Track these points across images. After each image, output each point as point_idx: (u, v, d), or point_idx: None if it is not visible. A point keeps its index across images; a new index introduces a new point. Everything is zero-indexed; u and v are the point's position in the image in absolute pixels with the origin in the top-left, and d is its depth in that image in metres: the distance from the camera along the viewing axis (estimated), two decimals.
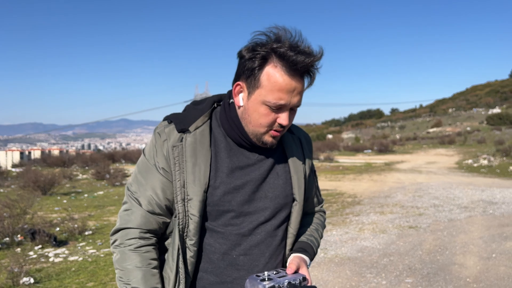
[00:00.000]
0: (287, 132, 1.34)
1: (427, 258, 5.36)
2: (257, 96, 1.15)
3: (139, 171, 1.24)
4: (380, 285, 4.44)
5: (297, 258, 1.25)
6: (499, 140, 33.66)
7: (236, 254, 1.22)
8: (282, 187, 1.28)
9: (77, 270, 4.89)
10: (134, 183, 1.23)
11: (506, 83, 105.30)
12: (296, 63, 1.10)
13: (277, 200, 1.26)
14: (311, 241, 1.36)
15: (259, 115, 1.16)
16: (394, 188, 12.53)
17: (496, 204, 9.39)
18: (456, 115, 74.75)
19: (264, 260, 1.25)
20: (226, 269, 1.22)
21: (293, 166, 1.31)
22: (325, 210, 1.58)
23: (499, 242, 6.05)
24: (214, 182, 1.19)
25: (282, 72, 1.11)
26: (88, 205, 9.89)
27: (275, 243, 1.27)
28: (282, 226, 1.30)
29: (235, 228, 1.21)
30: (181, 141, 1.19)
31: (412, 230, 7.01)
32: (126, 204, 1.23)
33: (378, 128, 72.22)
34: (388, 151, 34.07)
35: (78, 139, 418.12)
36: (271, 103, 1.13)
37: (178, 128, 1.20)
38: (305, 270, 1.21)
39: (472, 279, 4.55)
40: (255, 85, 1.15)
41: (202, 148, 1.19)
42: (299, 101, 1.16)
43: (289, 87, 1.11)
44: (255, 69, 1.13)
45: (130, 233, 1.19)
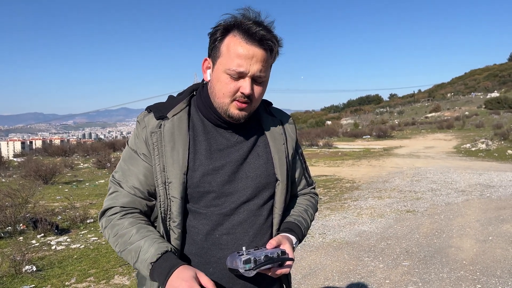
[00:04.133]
0: (268, 115, 1.39)
1: (424, 242, 5.45)
2: (218, 65, 1.19)
3: (123, 159, 1.30)
4: (377, 268, 4.52)
5: (280, 236, 1.28)
6: (497, 124, 33.67)
7: (219, 233, 1.24)
8: (263, 167, 1.31)
9: (79, 258, 4.97)
10: (119, 170, 1.29)
11: (505, 67, 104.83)
12: (253, 31, 1.15)
13: (258, 180, 1.29)
14: (298, 221, 1.38)
15: (221, 84, 1.19)
16: (392, 173, 12.60)
17: (493, 187, 9.48)
18: (455, 99, 74.60)
19: (248, 238, 1.26)
20: (210, 250, 1.24)
21: (274, 146, 1.34)
22: (316, 192, 1.59)
23: (495, 225, 6.14)
24: (193, 164, 1.23)
25: (240, 40, 1.16)
26: (90, 194, 9.96)
27: (259, 221, 1.29)
28: (266, 205, 1.32)
29: (217, 209, 1.24)
30: (159, 127, 1.24)
31: (409, 214, 7.09)
32: (111, 189, 1.28)
33: (377, 113, 72.14)
34: (387, 136, 34.08)
35: (79, 129, 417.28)
36: (231, 71, 1.16)
37: (156, 115, 1.25)
38: (287, 246, 1.23)
39: (469, 262, 4.63)
40: (217, 56, 1.20)
41: (180, 133, 1.24)
42: (261, 71, 1.18)
43: (246, 53, 1.15)
44: (216, 40, 1.19)
45: (114, 210, 1.25)
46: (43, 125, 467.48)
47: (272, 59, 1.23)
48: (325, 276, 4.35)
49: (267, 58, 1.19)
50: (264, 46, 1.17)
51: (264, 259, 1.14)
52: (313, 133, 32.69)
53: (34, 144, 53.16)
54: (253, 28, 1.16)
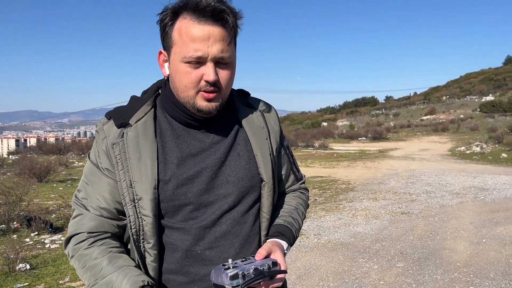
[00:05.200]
0: (246, 107, 1.22)
1: (418, 243, 5.47)
2: (174, 55, 1.04)
3: (85, 175, 1.14)
4: (371, 269, 4.54)
5: (269, 243, 1.11)
6: (491, 127, 33.89)
7: (201, 249, 1.10)
8: (245, 168, 1.14)
9: None
10: (82, 189, 1.13)
11: (500, 71, 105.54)
12: (202, 6, 0.99)
13: (241, 184, 1.13)
14: (288, 222, 1.21)
15: (181, 75, 1.03)
16: (387, 175, 12.65)
17: (487, 190, 9.54)
18: (450, 102, 75.02)
19: (234, 250, 1.12)
20: (192, 267, 1.11)
21: (255, 143, 1.17)
22: (306, 187, 1.41)
23: (489, 228, 6.18)
24: (164, 176, 1.07)
25: (191, 20, 1.00)
26: None
27: (245, 230, 1.14)
28: (251, 211, 1.16)
29: (196, 221, 1.09)
30: (121, 137, 1.08)
31: (404, 216, 7.13)
32: (75, 212, 1.12)
33: (373, 115, 72.41)
34: (382, 138, 34.18)
35: (74, 127, 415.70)
36: (188, 58, 1.00)
37: (117, 123, 1.10)
38: (278, 255, 1.07)
39: (462, 264, 4.66)
40: (170, 45, 1.04)
41: (145, 141, 1.08)
42: (222, 51, 1.01)
43: (201, 34, 0.99)
44: (166, 26, 1.04)
45: (80, 237, 1.08)
46: (38, 123, 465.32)
47: (232, 34, 1.05)
48: (319, 276, 4.36)
49: (226, 35, 1.02)
50: (219, 20, 1.00)
51: (254, 273, 0.99)
52: (308, 134, 32.76)
53: (28, 142, 52.91)
54: (202, 3, 0.99)
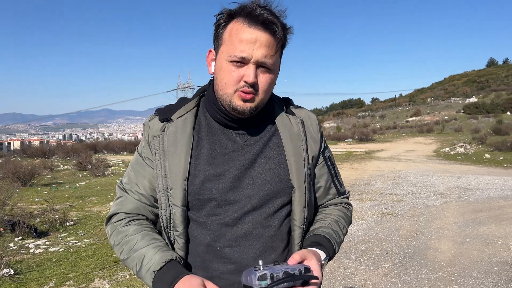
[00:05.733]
0: (286, 114, 1.23)
1: (403, 243, 5.54)
2: (221, 54, 1.10)
3: (131, 164, 1.25)
4: (358, 270, 4.58)
5: (305, 250, 1.08)
6: (475, 128, 34.53)
7: (220, 246, 1.12)
8: (274, 172, 1.15)
9: (58, 261, 4.88)
10: (126, 175, 1.24)
11: (483, 73, 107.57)
12: (256, 14, 1.05)
13: (267, 187, 1.13)
14: (328, 234, 1.17)
15: (223, 72, 1.08)
16: (373, 176, 12.77)
17: (470, 190, 9.70)
18: (435, 104, 76.13)
19: (254, 252, 1.12)
20: (211, 262, 1.13)
21: (290, 149, 1.17)
22: (350, 202, 1.36)
23: (472, 227, 6.28)
24: (194, 170, 1.13)
25: (243, 24, 1.06)
26: (70, 196, 9.79)
27: (268, 234, 1.13)
28: (277, 215, 1.15)
29: (218, 218, 1.13)
30: (162, 131, 1.17)
31: (390, 216, 7.21)
32: (118, 194, 1.24)
33: (359, 117, 73.04)
34: (369, 139, 34.53)
35: (59, 130, 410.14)
36: (232, 56, 1.06)
37: (161, 118, 1.19)
38: (313, 263, 1.02)
39: (446, 263, 4.73)
40: (219, 44, 1.11)
41: (182, 136, 1.16)
42: (265, 57, 1.06)
43: (249, 37, 1.04)
44: (219, 26, 1.11)
45: (119, 216, 1.20)
46: (22, 126, 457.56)
47: (279, 46, 1.10)
48: None
49: (273, 43, 1.07)
50: (268, 29, 1.05)
51: (283, 275, 0.95)
52: None
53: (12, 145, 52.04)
54: (257, 11, 1.05)
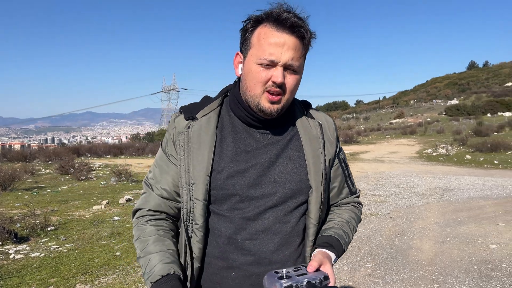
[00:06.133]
0: (306, 117, 1.31)
1: (386, 244, 5.61)
2: (250, 57, 1.15)
3: (156, 160, 1.31)
4: (341, 270, 4.62)
5: (320, 255, 1.16)
6: (456, 130, 35.14)
7: (242, 238, 1.19)
8: (293, 172, 1.22)
9: (38, 266, 4.79)
10: (152, 171, 1.31)
11: (464, 76, 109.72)
12: (283, 18, 1.11)
13: (287, 185, 1.20)
14: (338, 235, 1.26)
15: (252, 75, 1.14)
16: (357, 177, 12.90)
17: (452, 191, 9.88)
18: (417, 106, 77.28)
19: (272, 246, 1.20)
20: (232, 254, 1.20)
21: (309, 151, 1.24)
22: (360, 201, 1.46)
23: (453, 227, 6.40)
24: (218, 166, 1.19)
25: (271, 28, 1.12)
26: (51, 200, 9.62)
27: (286, 229, 1.21)
28: (295, 213, 1.23)
29: (240, 212, 1.19)
30: (187, 128, 1.23)
31: (373, 217, 7.29)
32: (144, 189, 1.31)
33: (344, 119, 73.69)
34: (353, 141, 34.84)
35: (41, 133, 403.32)
36: (262, 59, 1.12)
37: (186, 116, 1.25)
38: (328, 268, 1.12)
39: (428, 262, 4.81)
40: (248, 47, 1.16)
41: (206, 134, 1.21)
42: (293, 59, 1.13)
43: (277, 40, 1.11)
44: (247, 31, 1.16)
45: (142, 212, 1.28)
46: (2, 129, 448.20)
47: (305, 49, 1.17)
48: None
49: (300, 47, 1.14)
50: (295, 33, 1.12)
51: (307, 285, 1.02)
52: None
53: None
54: (284, 15, 1.11)
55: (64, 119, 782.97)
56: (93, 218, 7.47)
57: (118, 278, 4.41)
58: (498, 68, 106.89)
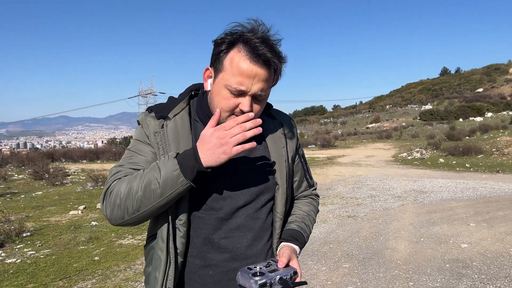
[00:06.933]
0: (268, 118, 1.37)
1: (363, 244, 5.75)
2: (220, 79, 1.16)
3: (128, 148, 1.29)
4: (320, 271, 4.72)
5: (287, 250, 1.26)
6: (430, 134, 36.11)
7: (217, 237, 1.24)
8: (261, 172, 1.30)
9: (15, 272, 4.71)
10: (123, 158, 1.27)
11: (437, 81, 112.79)
12: (258, 50, 1.12)
13: (257, 184, 1.28)
14: (301, 228, 1.37)
15: (221, 98, 1.16)
16: (335, 181, 13.10)
17: (425, 193, 10.18)
18: (393, 111, 78.91)
19: (246, 242, 1.27)
20: (209, 253, 1.25)
21: (273, 151, 1.32)
22: (317, 194, 1.57)
23: (427, 227, 6.61)
24: None
25: (245, 57, 1.12)
26: (26, 206, 9.41)
27: (257, 225, 1.29)
28: (264, 209, 1.31)
29: (215, 212, 1.24)
30: (162, 127, 1.24)
31: (350, 219, 7.45)
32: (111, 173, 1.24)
33: (322, 124, 74.53)
34: (331, 146, 35.31)
35: (13, 138, 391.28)
36: (232, 87, 1.14)
37: (157, 115, 1.26)
38: (295, 262, 1.23)
39: (402, 261, 4.96)
40: (219, 69, 1.17)
41: (183, 132, 1.24)
42: (261, 90, 1.15)
43: (249, 72, 1.12)
44: (221, 52, 1.16)
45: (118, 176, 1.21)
46: None
47: (275, 78, 1.20)
48: None
49: (270, 78, 1.17)
50: (267, 66, 1.14)
51: (279, 282, 1.12)
52: None
53: None
54: (259, 48, 1.12)
55: (37, 123, 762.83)
56: (70, 224, 7.36)
57: (97, 283, 4.38)
58: (470, 74, 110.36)
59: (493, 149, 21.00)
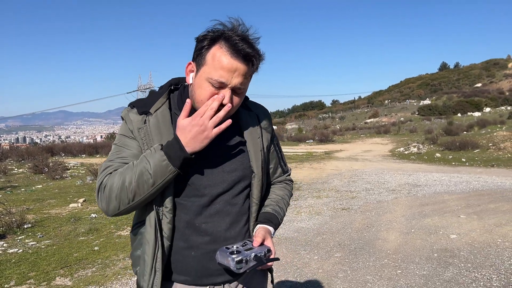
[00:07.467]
0: (245, 110, 1.46)
1: (355, 235, 5.92)
2: (202, 73, 1.26)
3: (115, 144, 1.38)
4: (312, 260, 4.89)
5: (262, 230, 1.39)
6: (428, 129, 36.28)
7: (198, 222, 1.35)
8: (239, 161, 1.39)
9: (17, 262, 4.87)
10: (111, 153, 1.37)
11: (436, 76, 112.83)
12: (238, 46, 1.21)
13: (234, 173, 1.38)
14: (275, 211, 1.50)
15: (202, 91, 1.26)
16: (331, 175, 13.27)
17: (419, 186, 10.35)
18: (391, 106, 79.00)
19: (225, 226, 1.37)
20: (191, 236, 1.36)
21: (249, 140, 1.42)
22: (291, 179, 1.70)
23: (418, 219, 6.78)
24: None
25: (226, 52, 1.21)
26: (26, 199, 9.56)
27: (234, 210, 1.39)
28: (241, 194, 1.41)
29: (196, 200, 1.34)
30: (144, 123, 1.33)
31: (344, 211, 7.61)
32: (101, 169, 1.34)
33: (320, 119, 74.64)
34: (329, 140, 35.46)
35: (12, 132, 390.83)
36: (212, 80, 1.23)
37: (139, 111, 1.35)
38: (269, 242, 1.37)
39: (392, 251, 5.13)
40: (201, 63, 1.26)
41: (165, 126, 1.33)
42: (241, 84, 1.25)
43: (229, 66, 1.21)
44: (203, 48, 1.25)
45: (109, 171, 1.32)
46: None
47: (252, 72, 1.29)
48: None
49: (249, 72, 1.26)
50: (247, 61, 1.23)
51: (254, 259, 1.26)
52: None
53: None
54: (239, 45, 1.21)
55: (36, 118, 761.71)
56: (70, 216, 7.51)
57: (97, 271, 4.54)
58: (468, 69, 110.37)
59: (490, 144, 21.19)
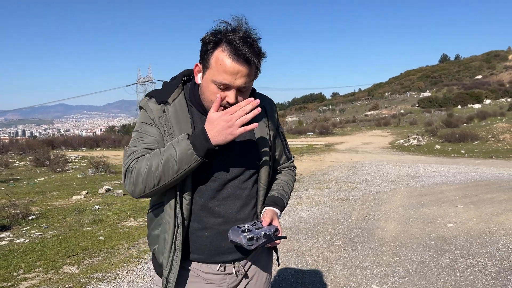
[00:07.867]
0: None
1: (355, 225, 6.04)
2: (208, 75, 1.36)
3: (136, 131, 1.47)
4: (312, 248, 5.01)
5: (270, 212, 1.52)
6: (428, 121, 36.31)
7: (212, 205, 1.47)
8: (248, 149, 1.51)
9: (25, 251, 4.99)
10: (134, 140, 1.45)
11: (436, 68, 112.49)
12: (239, 50, 1.29)
13: (244, 160, 1.50)
14: (281, 195, 1.64)
15: (209, 92, 1.37)
16: (331, 167, 13.38)
17: (418, 177, 10.46)
18: (392, 98, 78.90)
19: (236, 208, 1.50)
20: (205, 217, 1.48)
21: (258, 130, 1.53)
22: (295, 165, 1.84)
23: (416, 209, 6.90)
24: None
25: (228, 56, 1.30)
26: (29, 191, 9.68)
27: (244, 194, 1.52)
28: (250, 180, 1.54)
29: (210, 184, 1.46)
30: (164, 112, 1.43)
31: (344, 202, 7.73)
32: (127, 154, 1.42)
33: (320, 111, 74.62)
34: (329, 133, 35.53)
35: (11, 126, 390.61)
36: (217, 82, 1.32)
37: (158, 101, 1.45)
38: (277, 222, 1.51)
39: (391, 239, 5.25)
40: (206, 66, 1.36)
41: (182, 115, 1.44)
42: (244, 83, 1.34)
43: (232, 69, 1.30)
44: (207, 51, 1.35)
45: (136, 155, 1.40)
46: None
47: (255, 71, 1.37)
48: None
49: (251, 72, 1.34)
50: (248, 63, 1.31)
51: (264, 237, 1.39)
52: None
53: None
54: (241, 48, 1.29)
55: (35, 112, 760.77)
56: (74, 207, 7.63)
57: (103, 260, 4.66)
58: (469, 61, 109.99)
59: (489, 135, 21.26)
